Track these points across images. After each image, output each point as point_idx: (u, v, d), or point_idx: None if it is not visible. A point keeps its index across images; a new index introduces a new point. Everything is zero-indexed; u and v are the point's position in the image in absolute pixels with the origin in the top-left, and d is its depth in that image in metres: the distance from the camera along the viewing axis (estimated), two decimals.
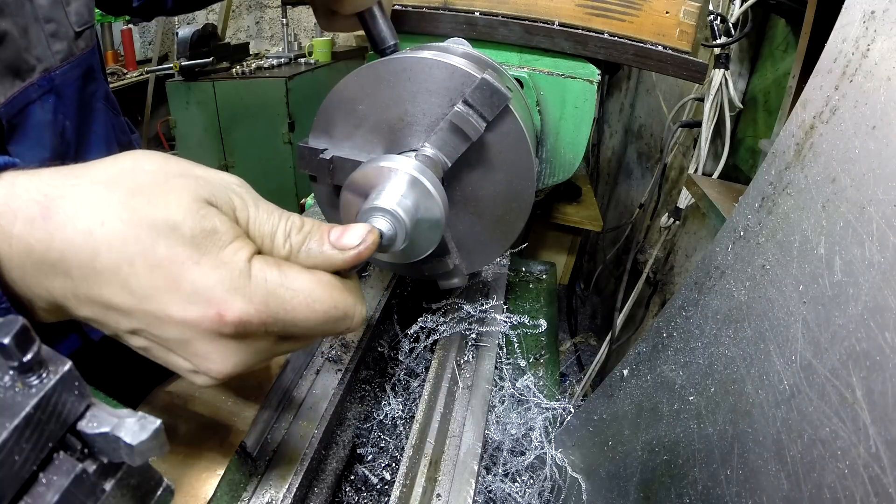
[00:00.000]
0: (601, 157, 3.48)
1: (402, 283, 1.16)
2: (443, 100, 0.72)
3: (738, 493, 0.55)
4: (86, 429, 0.34)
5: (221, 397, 0.75)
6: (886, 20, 0.46)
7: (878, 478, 0.39)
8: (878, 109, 0.45)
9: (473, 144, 0.71)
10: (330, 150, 0.76)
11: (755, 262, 0.57)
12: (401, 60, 0.73)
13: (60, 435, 0.34)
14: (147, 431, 0.34)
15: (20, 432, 0.31)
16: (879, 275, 0.42)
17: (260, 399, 0.76)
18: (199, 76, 3.25)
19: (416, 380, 0.97)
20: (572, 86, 0.93)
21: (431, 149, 0.71)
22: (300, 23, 4.74)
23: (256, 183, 2.04)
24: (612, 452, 0.78)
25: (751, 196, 0.60)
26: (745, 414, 0.56)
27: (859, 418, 0.42)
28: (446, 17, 0.94)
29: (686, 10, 0.88)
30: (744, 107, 1.85)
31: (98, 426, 0.34)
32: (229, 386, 0.76)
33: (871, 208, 0.44)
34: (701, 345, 0.64)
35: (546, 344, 1.11)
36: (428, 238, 0.69)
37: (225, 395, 0.75)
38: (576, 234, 2.41)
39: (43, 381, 0.32)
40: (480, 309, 1.02)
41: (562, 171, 1.01)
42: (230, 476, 0.66)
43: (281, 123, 3.20)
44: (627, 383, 0.77)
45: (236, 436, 0.69)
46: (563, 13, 0.91)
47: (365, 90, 0.75)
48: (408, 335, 0.97)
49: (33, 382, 0.32)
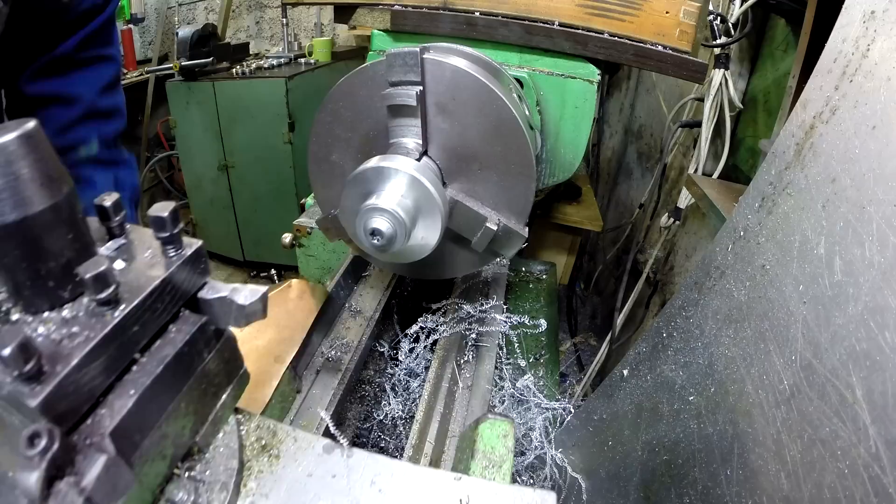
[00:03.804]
0: (601, 157, 3.48)
1: (402, 283, 1.16)
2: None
3: (738, 493, 0.55)
4: (206, 295, 0.45)
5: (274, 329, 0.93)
6: (886, 20, 0.46)
7: (878, 478, 0.39)
8: (878, 109, 0.45)
9: (431, 106, 0.72)
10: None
11: (755, 262, 0.57)
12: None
13: (188, 297, 0.44)
14: (256, 295, 0.44)
15: (164, 285, 0.41)
16: (879, 275, 0.42)
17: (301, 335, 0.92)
18: (199, 76, 3.25)
19: (416, 380, 0.97)
20: (572, 86, 0.93)
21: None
22: (300, 23, 4.74)
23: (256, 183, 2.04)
24: (612, 452, 0.78)
25: (751, 196, 0.60)
26: (745, 414, 0.56)
27: (859, 418, 0.42)
28: (446, 17, 0.94)
29: (686, 10, 0.88)
30: (744, 107, 1.85)
31: (217, 293, 0.45)
32: (279, 323, 0.94)
33: (871, 208, 0.44)
34: (701, 345, 0.64)
35: (546, 344, 1.11)
36: (428, 237, 0.69)
37: (277, 327, 0.93)
38: (576, 234, 2.41)
39: (179, 254, 0.43)
40: (480, 309, 1.02)
41: (562, 171, 1.01)
42: (282, 388, 0.82)
43: (281, 123, 3.20)
44: (627, 383, 0.77)
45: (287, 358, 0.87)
46: (563, 13, 0.91)
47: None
48: (408, 335, 0.97)
49: (171, 253, 0.42)
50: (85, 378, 0.36)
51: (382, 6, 0.98)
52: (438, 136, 0.75)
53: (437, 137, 0.75)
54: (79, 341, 0.36)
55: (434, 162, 0.76)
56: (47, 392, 0.33)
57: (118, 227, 0.44)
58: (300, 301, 1.02)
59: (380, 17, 0.99)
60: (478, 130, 0.74)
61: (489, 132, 0.74)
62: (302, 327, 0.93)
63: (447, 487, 0.52)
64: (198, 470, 0.48)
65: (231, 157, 3.39)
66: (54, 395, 0.34)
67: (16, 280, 0.38)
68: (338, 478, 0.53)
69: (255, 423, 0.57)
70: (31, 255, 0.37)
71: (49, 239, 0.37)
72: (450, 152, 0.76)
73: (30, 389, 0.33)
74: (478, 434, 0.68)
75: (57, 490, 0.32)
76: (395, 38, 1.01)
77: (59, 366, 0.34)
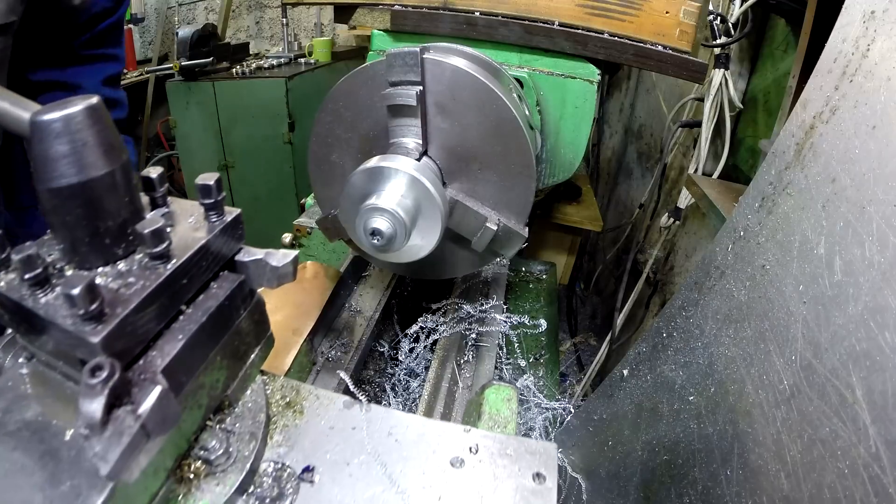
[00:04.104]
0: (601, 157, 3.48)
1: (402, 283, 1.16)
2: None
3: (738, 493, 0.55)
4: (242, 258, 0.51)
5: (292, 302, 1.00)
6: (886, 20, 0.46)
7: (878, 478, 0.39)
8: (878, 109, 0.45)
9: (430, 106, 0.73)
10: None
11: (755, 262, 0.57)
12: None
13: (227, 259, 0.50)
14: (288, 258, 0.51)
15: (208, 246, 0.47)
16: (879, 275, 0.42)
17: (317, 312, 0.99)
18: (199, 76, 3.25)
19: (416, 380, 0.97)
20: (572, 86, 0.93)
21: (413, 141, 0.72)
22: (300, 23, 4.74)
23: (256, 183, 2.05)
24: (612, 452, 0.78)
25: (751, 196, 0.60)
26: (745, 414, 0.56)
27: (859, 418, 0.42)
28: (446, 17, 0.94)
29: (686, 10, 0.88)
30: (744, 107, 1.85)
31: (252, 256, 0.51)
32: (295, 300, 1.01)
33: (871, 208, 0.44)
34: (701, 345, 0.64)
35: (546, 344, 1.11)
36: (428, 237, 0.69)
37: (294, 304, 1.00)
38: (576, 234, 2.41)
39: (221, 219, 0.49)
40: (480, 309, 1.02)
41: (562, 171, 1.01)
42: (300, 358, 0.88)
43: (281, 123, 3.20)
44: (627, 383, 0.77)
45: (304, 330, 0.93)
46: (563, 13, 0.91)
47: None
48: (408, 335, 0.97)
49: (214, 218, 0.49)
50: (140, 321, 0.41)
51: (382, 6, 0.98)
52: (438, 135, 0.75)
53: (437, 137, 0.75)
54: (135, 289, 0.41)
55: (434, 162, 0.76)
56: (108, 331, 0.38)
57: (161, 198, 0.50)
58: (315, 280, 1.08)
59: (380, 17, 0.99)
60: (478, 130, 0.74)
61: (489, 132, 0.74)
62: (317, 304, 1.00)
63: (457, 437, 0.57)
64: (228, 422, 0.53)
65: (231, 157, 3.39)
66: (114, 334, 0.38)
67: (75, 237, 0.43)
68: (357, 430, 0.58)
69: (279, 383, 0.62)
70: (92, 213, 0.42)
71: (108, 200, 0.43)
72: (450, 152, 0.76)
73: (92, 328, 0.37)
74: (484, 398, 0.72)
75: (115, 416, 0.36)
76: (395, 38, 1.01)
77: (119, 308, 0.39)
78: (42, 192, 0.41)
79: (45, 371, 0.47)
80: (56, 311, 0.39)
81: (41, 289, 0.41)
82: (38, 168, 0.40)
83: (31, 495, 0.39)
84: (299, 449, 0.55)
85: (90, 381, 0.35)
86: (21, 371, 0.47)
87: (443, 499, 0.51)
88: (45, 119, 0.39)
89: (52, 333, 0.40)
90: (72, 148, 0.40)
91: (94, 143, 0.40)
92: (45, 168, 0.40)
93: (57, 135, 0.39)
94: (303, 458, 0.54)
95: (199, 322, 0.45)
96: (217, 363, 0.49)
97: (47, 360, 0.46)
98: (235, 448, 0.51)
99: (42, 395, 0.46)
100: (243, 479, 0.50)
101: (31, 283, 0.40)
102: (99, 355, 0.37)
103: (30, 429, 0.43)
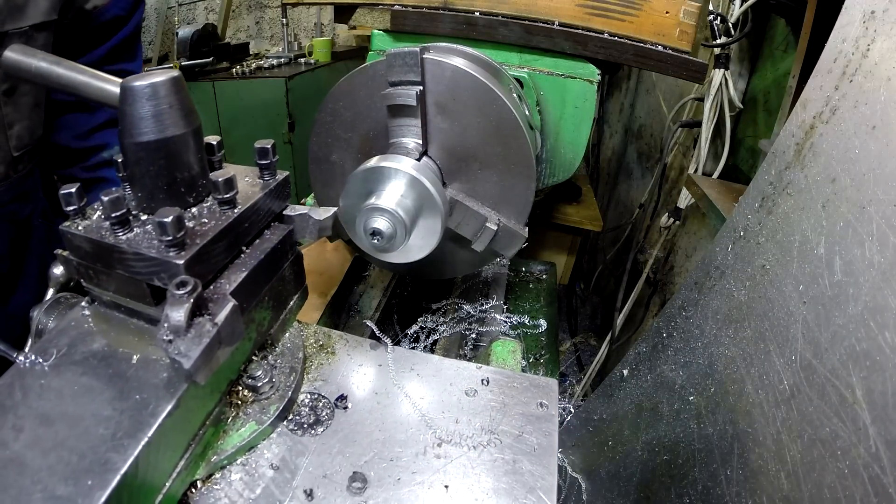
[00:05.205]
0: (601, 157, 3.48)
1: (402, 283, 1.16)
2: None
3: (738, 493, 0.55)
4: (290, 212, 0.62)
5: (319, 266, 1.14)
6: (886, 20, 0.46)
7: (878, 478, 0.39)
8: (878, 109, 0.45)
9: (430, 106, 0.74)
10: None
11: (755, 262, 0.57)
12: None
13: (276, 213, 0.60)
14: (328, 213, 0.61)
15: (264, 199, 0.57)
16: (879, 275, 0.42)
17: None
18: (199, 76, 3.25)
19: None
20: (572, 86, 0.93)
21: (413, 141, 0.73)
22: (300, 23, 4.74)
23: None
24: (612, 452, 0.78)
25: (751, 196, 0.60)
26: (745, 414, 0.56)
27: (859, 418, 0.42)
28: (446, 17, 0.94)
29: (686, 10, 0.88)
30: (744, 107, 1.85)
31: (298, 211, 0.62)
32: (319, 268, 1.15)
33: (871, 208, 0.44)
34: (701, 345, 0.64)
35: (546, 344, 1.11)
36: (428, 237, 0.69)
37: (317, 272, 1.14)
38: (576, 234, 2.41)
39: (274, 178, 0.60)
40: (480, 309, 1.02)
41: (562, 171, 1.01)
42: (324, 319, 1.01)
43: (281, 123, 3.20)
44: (627, 383, 0.77)
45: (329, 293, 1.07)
46: (563, 13, 0.91)
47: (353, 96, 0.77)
48: (408, 335, 0.97)
49: (268, 178, 0.59)
50: (213, 252, 0.49)
51: (382, 6, 0.98)
52: (438, 135, 0.75)
53: (437, 137, 0.75)
54: (210, 226, 0.50)
55: (434, 162, 0.76)
56: (190, 255, 0.46)
57: (218, 163, 0.60)
58: (336, 252, 1.23)
59: (380, 17, 0.99)
60: (478, 130, 0.74)
61: (489, 132, 0.74)
62: (339, 271, 1.15)
63: (471, 372, 0.67)
64: (271, 358, 0.62)
65: (231, 157, 3.37)
66: (194, 259, 0.46)
67: (155, 185, 0.50)
68: (383, 367, 0.67)
69: (312, 330, 0.72)
70: (173, 165, 0.50)
71: (185, 155, 0.51)
72: (450, 152, 0.76)
73: (176, 253, 0.46)
74: (491, 350, 0.81)
75: (197, 322, 0.43)
76: (395, 38, 1.01)
77: (198, 239, 0.48)
78: (129, 145, 0.48)
79: (106, 311, 0.54)
80: (139, 242, 0.47)
81: (122, 228, 0.48)
82: (126, 126, 0.48)
83: (101, 408, 0.45)
84: (332, 382, 0.65)
85: (177, 293, 0.42)
86: (84, 313, 0.54)
87: (459, 421, 0.60)
88: (137, 85, 0.47)
89: (130, 265, 0.47)
90: (156, 110, 0.47)
91: (176, 106, 0.49)
92: (133, 126, 0.47)
93: (147, 98, 0.47)
94: (336, 391, 0.64)
95: (257, 259, 0.54)
96: (265, 302, 0.58)
97: (112, 300, 0.53)
98: (278, 379, 0.60)
99: (106, 330, 0.53)
100: (284, 406, 0.58)
101: (114, 223, 0.47)
102: (181, 276, 0.44)
103: (97, 357, 0.49)
